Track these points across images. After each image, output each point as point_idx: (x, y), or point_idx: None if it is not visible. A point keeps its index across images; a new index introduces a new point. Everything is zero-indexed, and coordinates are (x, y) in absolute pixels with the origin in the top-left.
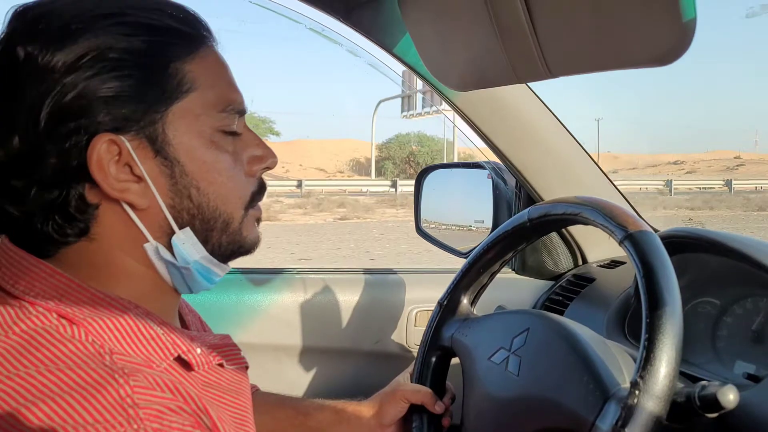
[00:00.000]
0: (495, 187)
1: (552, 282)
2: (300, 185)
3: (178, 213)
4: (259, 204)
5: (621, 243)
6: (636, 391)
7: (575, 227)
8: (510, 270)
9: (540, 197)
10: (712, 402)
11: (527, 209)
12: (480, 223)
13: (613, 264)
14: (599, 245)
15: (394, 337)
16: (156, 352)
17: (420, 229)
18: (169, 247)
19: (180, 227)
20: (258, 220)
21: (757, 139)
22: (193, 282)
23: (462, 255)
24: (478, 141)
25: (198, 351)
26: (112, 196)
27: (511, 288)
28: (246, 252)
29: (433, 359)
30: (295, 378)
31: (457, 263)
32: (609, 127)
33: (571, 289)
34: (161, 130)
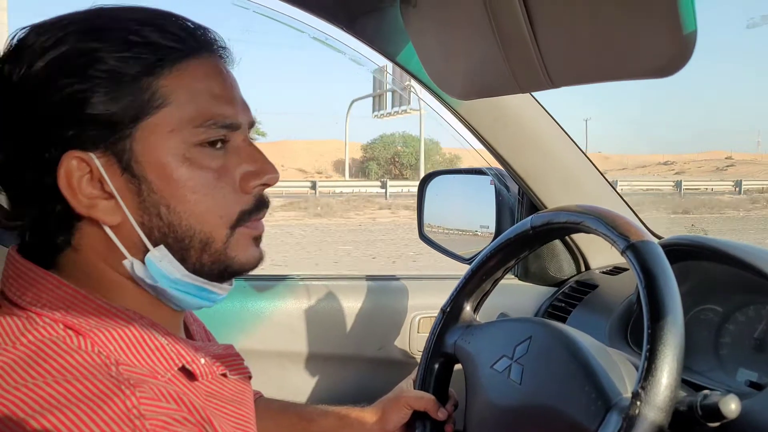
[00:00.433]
0: (498, 194)
1: (555, 288)
2: None
3: (149, 231)
4: (260, 221)
5: (623, 253)
6: (637, 402)
7: (578, 234)
8: (513, 276)
9: (543, 204)
10: (714, 411)
11: (530, 217)
12: (485, 228)
13: (616, 270)
14: (602, 252)
15: (397, 344)
16: (161, 362)
17: (423, 235)
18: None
19: (154, 245)
20: (256, 239)
21: (760, 140)
22: (175, 300)
23: (465, 261)
24: (469, 143)
25: (202, 361)
26: (79, 212)
27: (514, 294)
28: (236, 273)
29: (436, 366)
30: (299, 384)
31: (459, 269)
32: (609, 129)
33: (574, 296)
34: (129, 146)
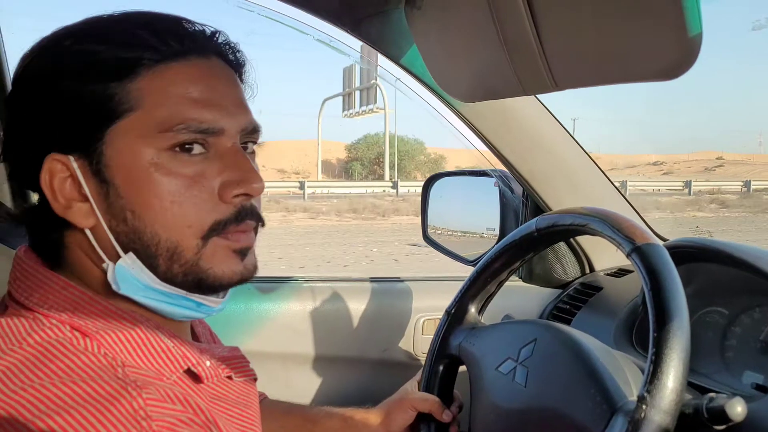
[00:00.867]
0: (502, 195)
1: (559, 290)
2: None
3: (117, 236)
4: (245, 233)
5: (629, 256)
6: (643, 405)
7: (582, 236)
8: (517, 278)
9: (547, 206)
10: (720, 414)
11: (535, 219)
12: (491, 231)
13: (621, 272)
14: (606, 253)
15: (401, 346)
16: (167, 364)
17: (427, 237)
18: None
19: (124, 251)
20: (238, 251)
21: (761, 140)
22: (154, 310)
23: (469, 263)
24: (471, 143)
25: (207, 363)
26: (58, 213)
27: (519, 296)
28: (214, 286)
29: (441, 368)
30: (304, 386)
31: (463, 271)
32: (600, 129)
33: (579, 298)
34: (100, 150)
